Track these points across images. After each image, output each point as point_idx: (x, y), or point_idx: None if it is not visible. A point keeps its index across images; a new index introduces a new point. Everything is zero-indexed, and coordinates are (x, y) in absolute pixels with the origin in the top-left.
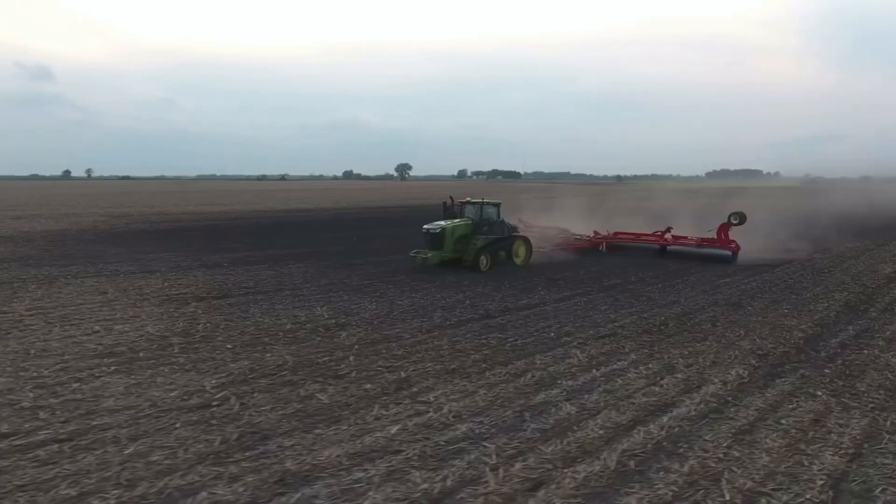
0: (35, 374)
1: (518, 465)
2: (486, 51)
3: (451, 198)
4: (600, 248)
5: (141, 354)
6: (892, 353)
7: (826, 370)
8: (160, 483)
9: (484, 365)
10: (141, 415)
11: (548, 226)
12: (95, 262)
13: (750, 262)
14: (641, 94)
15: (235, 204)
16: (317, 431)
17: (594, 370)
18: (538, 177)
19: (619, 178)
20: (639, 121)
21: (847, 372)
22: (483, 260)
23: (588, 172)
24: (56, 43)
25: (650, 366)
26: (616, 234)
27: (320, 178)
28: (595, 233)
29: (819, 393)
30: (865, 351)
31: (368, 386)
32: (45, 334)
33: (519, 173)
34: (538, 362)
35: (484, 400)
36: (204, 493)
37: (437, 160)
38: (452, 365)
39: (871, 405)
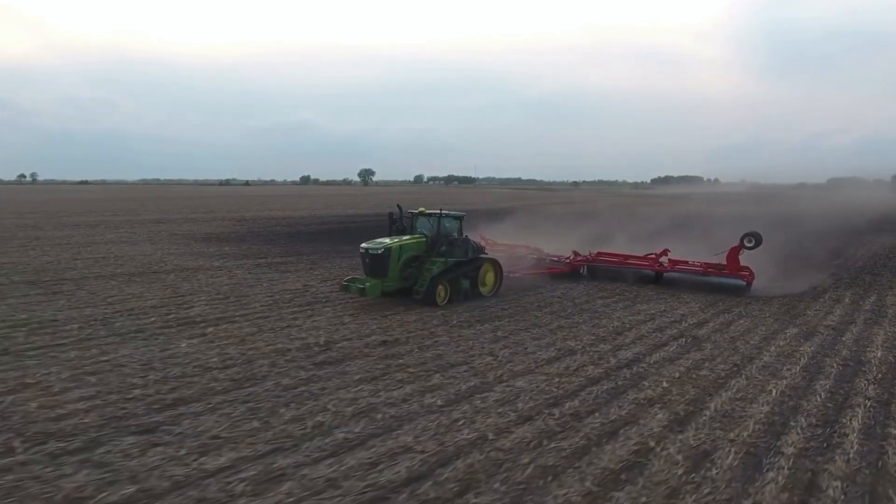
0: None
1: None
2: (439, 55)
3: (398, 207)
4: (581, 270)
5: (614, 299)
6: None
7: None
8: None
9: (801, 305)
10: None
11: (515, 244)
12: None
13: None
14: (589, 100)
15: (290, 209)
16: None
17: (864, 301)
18: (491, 182)
19: (575, 184)
20: (586, 127)
21: None
22: (441, 291)
23: (538, 178)
24: None
25: (891, 298)
26: (598, 255)
27: (271, 182)
28: (575, 253)
29: None
30: None
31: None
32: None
33: (474, 178)
34: (828, 298)
35: (842, 314)
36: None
37: (392, 165)
38: (782, 310)
39: None
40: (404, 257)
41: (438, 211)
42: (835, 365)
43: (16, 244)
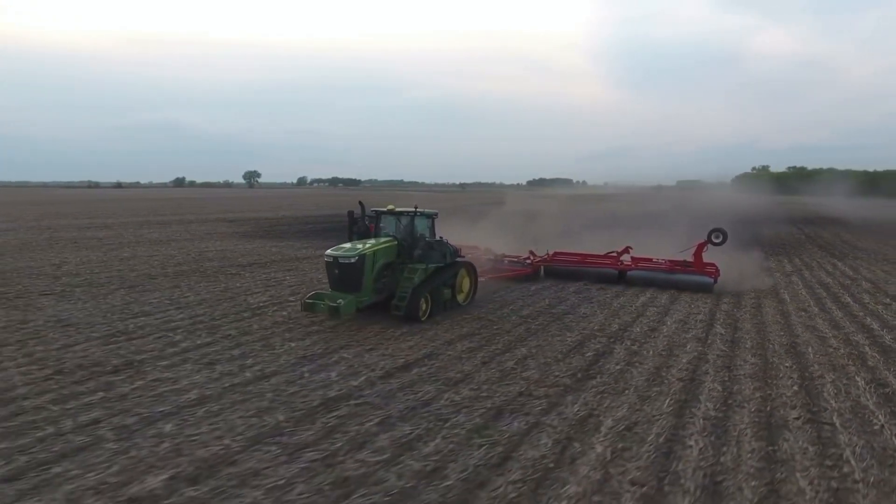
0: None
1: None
2: (321, 54)
3: (361, 204)
4: (539, 271)
5: None
6: None
7: None
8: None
9: (765, 263)
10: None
11: (468, 245)
12: None
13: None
14: (468, 105)
15: (253, 210)
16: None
17: (793, 260)
18: (374, 184)
19: (462, 186)
20: (466, 131)
21: None
22: (423, 303)
23: (420, 180)
24: None
25: (805, 258)
26: (556, 255)
27: (136, 185)
28: (532, 253)
29: None
30: None
31: None
32: None
33: (358, 181)
34: (775, 260)
35: (791, 267)
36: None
37: (273, 166)
38: (757, 263)
39: None
40: (378, 266)
41: (413, 208)
42: (815, 284)
43: (83, 245)
